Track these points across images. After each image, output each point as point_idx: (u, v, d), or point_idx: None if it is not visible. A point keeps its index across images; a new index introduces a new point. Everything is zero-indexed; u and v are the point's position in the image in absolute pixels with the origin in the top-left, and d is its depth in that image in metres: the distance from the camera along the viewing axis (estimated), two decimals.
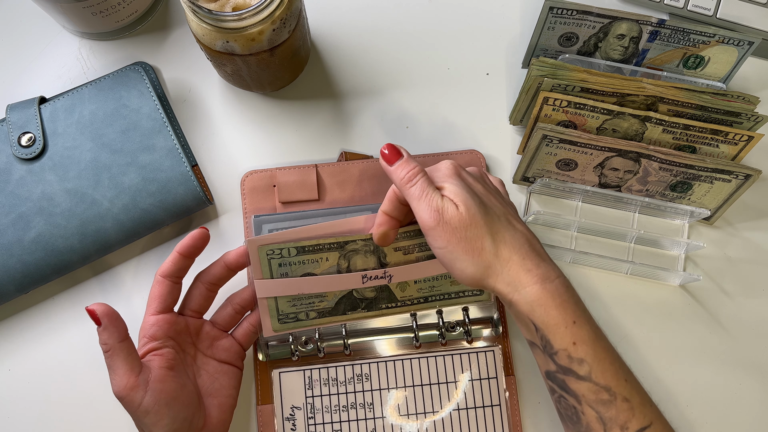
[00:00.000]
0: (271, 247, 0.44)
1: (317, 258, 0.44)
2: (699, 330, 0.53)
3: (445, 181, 0.41)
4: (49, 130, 0.50)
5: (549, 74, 0.50)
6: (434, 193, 0.40)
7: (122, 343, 0.41)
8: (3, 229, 0.49)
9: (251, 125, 0.55)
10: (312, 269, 0.45)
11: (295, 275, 0.45)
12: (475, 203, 0.40)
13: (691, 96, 0.50)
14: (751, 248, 0.55)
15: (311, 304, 0.45)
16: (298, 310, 0.45)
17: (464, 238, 0.39)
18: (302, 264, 0.44)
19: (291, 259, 0.44)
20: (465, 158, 0.54)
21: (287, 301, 0.45)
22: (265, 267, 0.44)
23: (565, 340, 0.38)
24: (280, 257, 0.44)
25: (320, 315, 0.46)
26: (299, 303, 0.45)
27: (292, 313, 0.45)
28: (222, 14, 0.43)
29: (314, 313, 0.46)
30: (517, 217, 0.42)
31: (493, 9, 0.58)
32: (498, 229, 0.40)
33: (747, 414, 0.52)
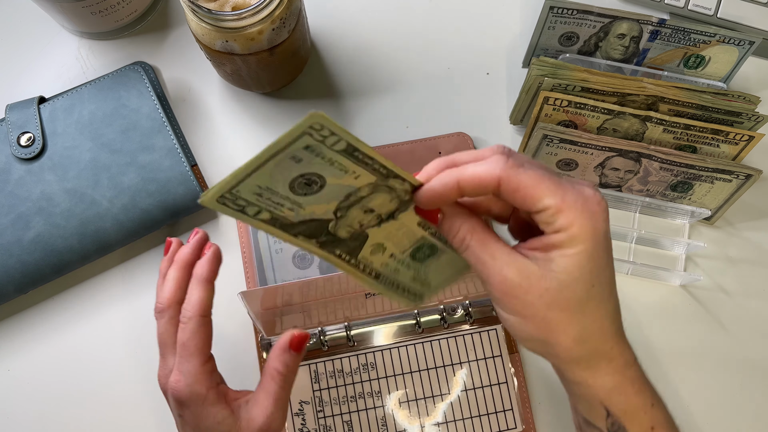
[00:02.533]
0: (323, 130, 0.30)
1: (353, 169, 0.33)
2: (699, 330, 0.53)
3: (573, 244, 0.30)
4: (48, 129, 0.50)
5: (549, 74, 0.50)
6: (497, 253, 0.31)
7: (293, 380, 0.37)
8: (2, 229, 0.49)
9: (251, 125, 0.55)
10: (331, 175, 0.32)
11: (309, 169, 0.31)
12: (583, 284, 0.31)
13: (692, 96, 0.50)
14: (751, 248, 0.55)
15: (277, 205, 0.32)
16: (255, 202, 0.32)
17: (542, 317, 0.31)
18: (330, 164, 0.31)
19: (328, 152, 0.31)
20: (452, 141, 0.54)
21: (256, 185, 0.31)
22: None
23: (643, 426, 0.34)
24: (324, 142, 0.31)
25: (271, 222, 0.33)
26: (265, 196, 0.31)
27: (245, 201, 0.31)
28: (221, 14, 0.43)
29: (267, 214, 0.32)
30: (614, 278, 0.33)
31: (493, 9, 0.58)
32: (592, 313, 0.32)
33: (747, 414, 0.52)
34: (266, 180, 0.31)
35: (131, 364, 0.51)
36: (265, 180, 0.31)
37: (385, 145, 0.54)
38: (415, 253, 0.37)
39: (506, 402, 0.50)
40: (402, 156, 0.54)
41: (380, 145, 0.54)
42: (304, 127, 0.30)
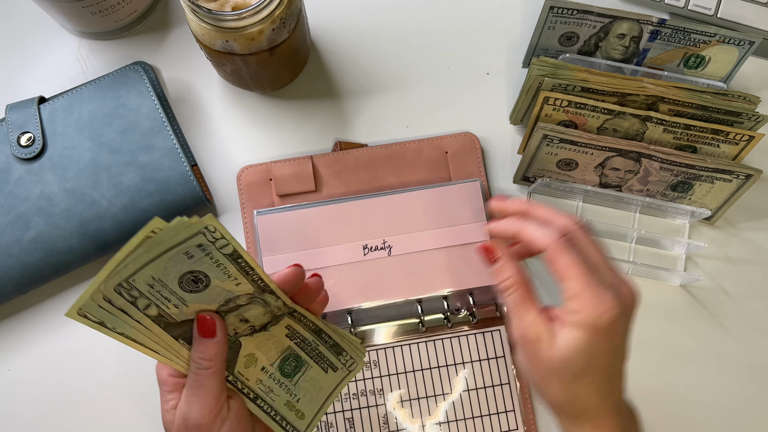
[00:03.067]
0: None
1: (235, 275, 0.34)
2: (700, 330, 0.53)
3: (584, 328, 0.35)
4: (48, 129, 0.50)
5: (549, 74, 0.50)
6: (526, 314, 0.37)
7: (224, 363, 0.36)
8: (2, 229, 0.49)
9: (251, 125, 0.55)
10: (216, 277, 0.34)
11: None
12: (578, 365, 0.35)
13: (692, 96, 0.50)
14: (752, 248, 0.55)
15: (165, 300, 0.33)
16: (147, 294, 0.33)
17: (543, 375, 0.36)
18: (217, 265, 0.33)
19: (217, 253, 0.33)
20: (459, 141, 0.54)
21: (150, 275, 0.32)
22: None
23: None
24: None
25: (157, 319, 0.34)
26: (156, 288, 0.33)
27: (138, 291, 0.32)
28: (221, 14, 0.43)
29: (155, 309, 0.33)
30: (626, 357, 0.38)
31: (493, 8, 0.58)
32: (584, 388, 0.36)
33: (747, 414, 0.52)
34: (160, 271, 0.32)
35: (131, 364, 0.51)
36: (159, 271, 0.32)
37: (392, 144, 0.54)
38: (283, 365, 0.39)
39: (508, 403, 0.50)
40: (409, 155, 0.54)
41: (386, 144, 0.54)
42: (199, 227, 0.32)
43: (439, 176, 0.54)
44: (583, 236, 0.38)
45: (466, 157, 0.54)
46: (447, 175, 0.54)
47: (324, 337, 0.40)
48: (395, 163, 0.54)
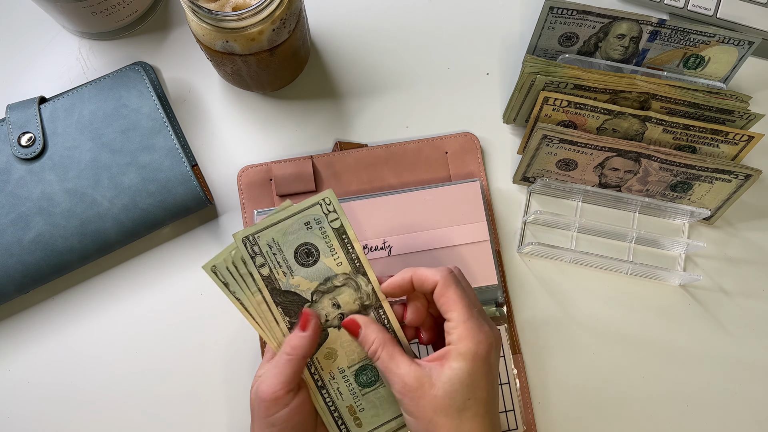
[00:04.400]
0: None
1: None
2: (699, 330, 0.53)
3: (465, 356, 0.38)
4: (48, 130, 0.50)
5: (542, 71, 0.50)
6: (400, 365, 0.39)
7: (305, 356, 0.40)
8: (3, 229, 0.49)
9: (251, 125, 0.55)
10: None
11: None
12: (461, 396, 0.37)
13: (684, 93, 0.50)
14: (751, 248, 0.55)
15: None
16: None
17: (428, 419, 0.38)
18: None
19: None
20: (459, 141, 0.54)
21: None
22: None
23: None
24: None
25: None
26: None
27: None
28: (222, 14, 0.43)
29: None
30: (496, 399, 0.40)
31: (493, 9, 0.58)
32: (468, 422, 0.38)
33: (747, 414, 0.52)
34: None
35: (131, 364, 0.51)
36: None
37: (392, 144, 0.54)
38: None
39: (508, 403, 0.50)
40: (409, 155, 0.54)
41: (386, 144, 0.54)
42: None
43: (439, 176, 0.54)
44: (462, 278, 0.41)
45: (466, 157, 0.54)
46: (447, 175, 0.54)
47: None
48: (395, 163, 0.54)
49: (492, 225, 0.54)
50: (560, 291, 0.54)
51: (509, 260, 0.54)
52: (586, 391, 0.52)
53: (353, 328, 0.41)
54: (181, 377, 0.51)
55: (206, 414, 0.51)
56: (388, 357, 0.39)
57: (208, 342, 0.52)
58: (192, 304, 0.52)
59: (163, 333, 0.52)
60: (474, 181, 0.52)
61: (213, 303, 0.52)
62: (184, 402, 0.51)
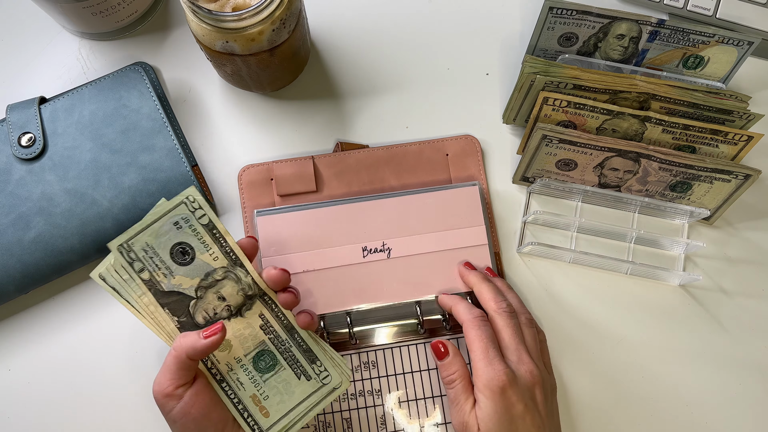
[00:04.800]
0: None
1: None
2: (699, 330, 0.53)
3: (484, 392, 0.43)
4: (49, 130, 0.51)
5: (541, 71, 0.50)
6: (465, 404, 0.43)
7: (189, 357, 0.40)
8: (3, 229, 0.49)
9: (251, 125, 0.55)
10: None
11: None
12: (498, 418, 0.42)
13: (683, 93, 0.50)
14: (751, 248, 0.55)
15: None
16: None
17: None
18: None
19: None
20: (460, 143, 0.54)
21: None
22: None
23: None
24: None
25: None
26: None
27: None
28: (222, 14, 0.43)
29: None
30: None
31: (493, 9, 0.58)
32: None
33: (747, 414, 0.52)
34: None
35: (131, 364, 0.51)
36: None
37: (393, 145, 0.54)
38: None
39: None
40: (410, 156, 0.54)
41: (387, 145, 0.54)
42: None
43: (439, 178, 0.54)
44: (503, 321, 0.45)
45: (467, 159, 0.54)
46: (447, 177, 0.54)
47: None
48: (396, 164, 0.54)
49: (491, 225, 0.54)
50: (560, 291, 0.54)
51: (509, 260, 0.54)
52: (586, 391, 0.52)
53: (441, 352, 0.46)
54: None
55: None
56: (462, 389, 0.44)
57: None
58: None
59: None
60: (473, 184, 0.52)
61: None
62: None
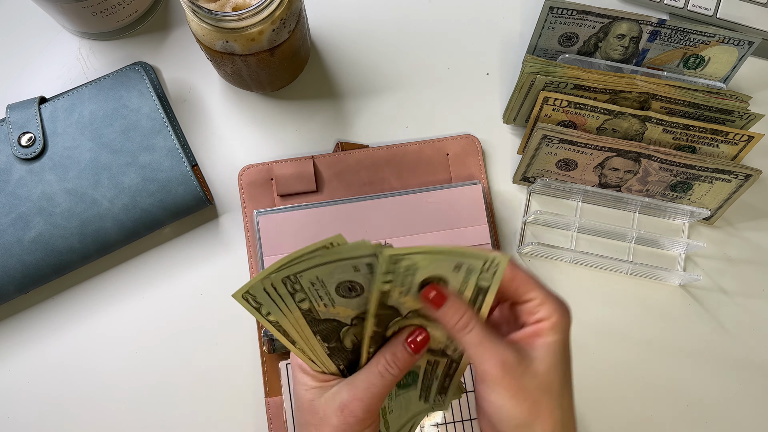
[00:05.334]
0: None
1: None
2: (699, 330, 0.53)
3: (553, 333, 0.36)
4: (49, 130, 0.50)
5: (542, 71, 0.50)
6: (494, 343, 0.35)
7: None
8: (3, 229, 0.49)
9: (251, 125, 0.55)
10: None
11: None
12: (561, 368, 0.35)
13: (684, 93, 0.50)
14: (751, 248, 0.55)
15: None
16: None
17: (531, 399, 0.35)
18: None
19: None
20: (460, 143, 0.54)
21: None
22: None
23: None
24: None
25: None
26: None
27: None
28: (222, 14, 0.43)
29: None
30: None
31: (493, 9, 0.58)
32: (568, 399, 0.36)
33: (747, 414, 0.52)
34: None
35: (131, 364, 0.51)
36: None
37: (393, 145, 0.54)
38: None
39: None
40: (410, 156, 0.54)
41: (387, 145, 0.54)
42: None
43: (440, 178, 0.54)
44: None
45: (467, 159, 0.54)
46: (448, 177, 0.54)
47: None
48: (396, 164, 0.54)
49: (492, 225, 0.54)
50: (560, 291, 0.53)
51: None
52: (586, 391, 0.52)
53: (436, 299, 0.36)
54: (181, 377, 0.51)
55: (206, 414, 0.51)
56: (482, 331, 0.35)
57: (208, 342, 0.52)
58: (192, 304, 0.52)
59: (163, 333, 0.52)
60: (475, 183, 0.52)
61: (213, 303, 0.52)
62: (183, 402, 0.51)
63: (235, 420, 0.51)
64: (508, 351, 0.35)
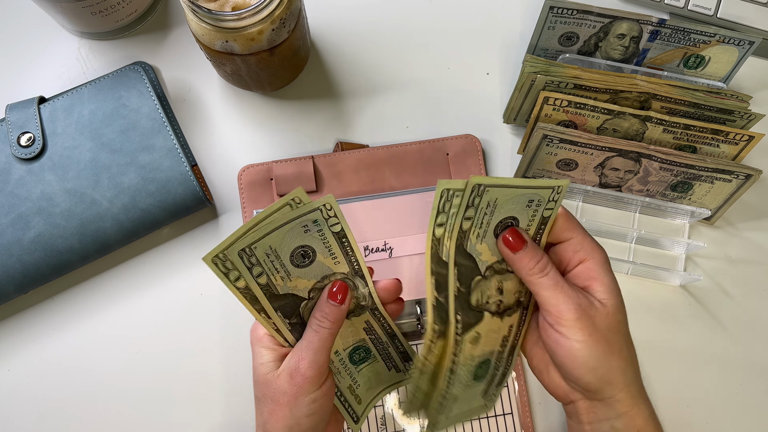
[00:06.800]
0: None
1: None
2: (699, 330, 0.53)
3: (605, 267, 0.38)
4: (48, 129, 0.50)
5: (542, 71, 0.50)
6: (569, 286, 0.37)
7: (339, 329, 0.38)
8: (2, 229, 0.49)
9: (251, 125, 0.55)
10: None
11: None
12: (623, 308, 0.38)
13: (684, 93, 0.50)
14: (751, 248, 0.55)
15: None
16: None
17: (604, 338, 0.36)
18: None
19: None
20: (460, 143, 0.54)
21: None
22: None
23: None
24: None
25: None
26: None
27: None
28: (221, 14, 0.43)
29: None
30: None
31: (493, 9, 0.58)
32: (629, 338, 0.38)
33: (747, 414, 0.52)
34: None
35: (131, 364, 0.51)
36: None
37: (393, 145, 0.54)
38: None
39: (506, 406, 0.50)
40: (410, 156, 0.54)
41: (387, 145, 0.54)
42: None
43: (440, 178, 0.54)
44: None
45: (468, 159, 0.54)
46: (448, 177, 0.54)
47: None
48: (396, 164, 0.54)
49: None
50: None
51: None
52: None
53: (515, 243, 0.37)
54: (181, 377, 0.51)
55: (205, 413, 0.51)
56: (556, 273, 0.37)
57: (208, 342, 0.52)
58: (192, 304, 0.52)
59: (163, 333, 0.52)
60: None
61: (212, 303, 0.52)
62: (183, 401, 0.51)
63: (235, 420, 0.51)
64: (581, 294, 0.37)
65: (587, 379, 0.37)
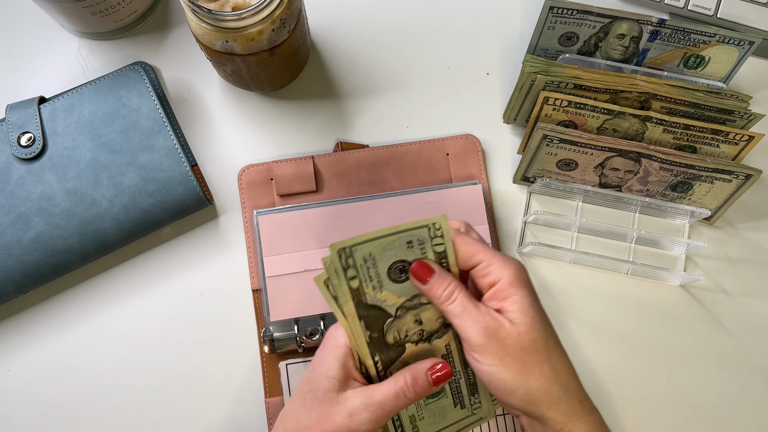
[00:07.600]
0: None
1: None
2: (699, 330, 0.53)
3: (516, 283, 0.36)
4: (48, 130, 0.50)
5: (542, 71, 0.50)
6: (479, 309, 0.36)
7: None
8: (2, 229, 0.49)
9: (251, 125, 0.55)
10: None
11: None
12: (540, 324, 0.36)
13: (684, 93, 0.50)
14: (751, 248, 0.55)
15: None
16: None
17: (518, 360, 0.35)
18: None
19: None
20: (460, 142, 0.54)
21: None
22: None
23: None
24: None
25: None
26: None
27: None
28: (221, 14, 0.43)
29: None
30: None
31: (493, 9, 0.58)
32: (556, 352, 0.37)
33: (747, 414, 0.52)
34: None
35: (131, 364, 0.51)
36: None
37: (393, 145, 0.54)
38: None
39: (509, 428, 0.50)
40: (410, 156, 0.54)
41: (387, 145, 0.54)
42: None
43: (440, 178, 0.54)
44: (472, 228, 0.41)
45: (468, 159, 0.54)
46: (448, 177, 0.54)
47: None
48: (396, 164, 0.54)
49: (492, 225, 0.54)
50: (560, 291, 0.53)
51: None
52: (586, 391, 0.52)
53: (423, 273, 0.37)
54: (181, 377, 0.51)
55: (206, 414, 0.51)
56: (466, 297, 0.37)
57: (208, 342, 0.52)
58: (192, 304, 0.52)
59: (163, 333, 0.52)
60: (475, 183, 0.52)
61: (213, 303, 0.52)
62: (183, 402, 0.51)
63: (235, 420, 0.51)
64: (489, 317, 0.36)
65: (510, 401, 0.36)
